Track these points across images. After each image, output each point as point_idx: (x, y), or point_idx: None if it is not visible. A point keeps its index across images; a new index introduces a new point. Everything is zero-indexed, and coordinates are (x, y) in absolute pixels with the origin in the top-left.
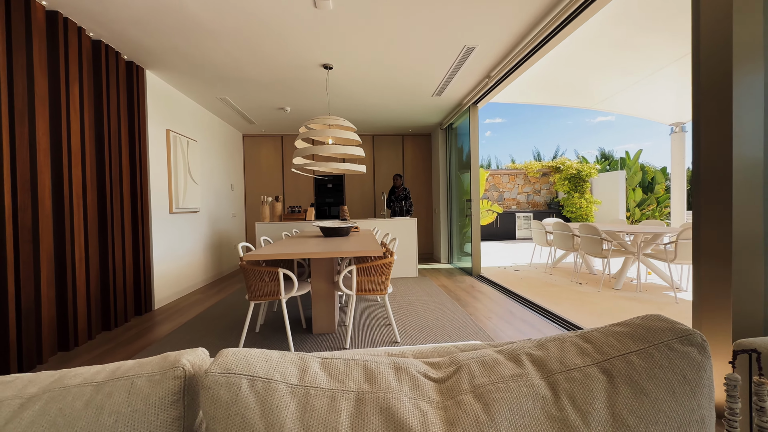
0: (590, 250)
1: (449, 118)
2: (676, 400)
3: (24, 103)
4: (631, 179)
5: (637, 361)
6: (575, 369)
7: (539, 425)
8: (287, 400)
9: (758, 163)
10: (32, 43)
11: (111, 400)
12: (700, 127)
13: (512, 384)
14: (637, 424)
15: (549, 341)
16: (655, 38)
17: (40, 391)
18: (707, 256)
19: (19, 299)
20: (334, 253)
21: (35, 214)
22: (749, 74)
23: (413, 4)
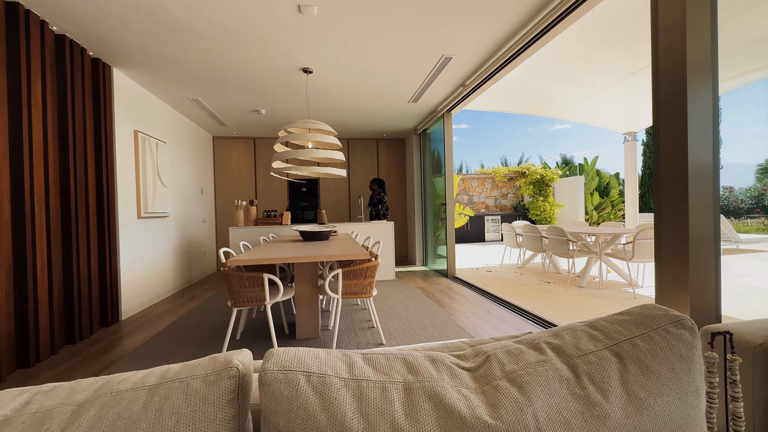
0: (557, 250)
1: (424, 123)
2: (676, 375)
3: None
4: (588, 184)
5: (642, 344)
6: (590, 353)
7: (568, 403)
8: (343, 393)
9: (709, 169)
10: None
11: (169, 402)
12: (659, 137)
13: (539, 368)
14: (647, 397)
15: (562, 331)
16: (610, 54)
17: (90, 398)
18: (668, 255)
19: None
20: (320, 257)
21: None
22: (700, 88)
23: (397, 14)
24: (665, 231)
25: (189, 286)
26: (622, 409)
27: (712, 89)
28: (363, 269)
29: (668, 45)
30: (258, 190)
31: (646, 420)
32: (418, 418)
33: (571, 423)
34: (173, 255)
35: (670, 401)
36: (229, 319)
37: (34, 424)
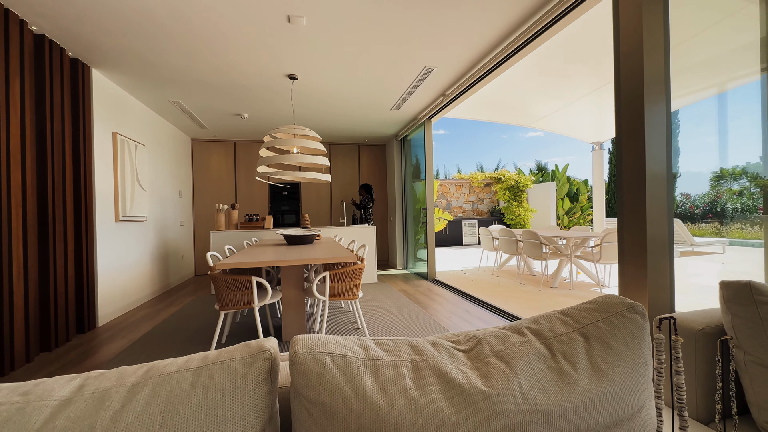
0: (531, 253)
1: (405, 130)
2: (629, 350)
3: None
4: (560, 190)
5: (603, 326)
6: (562, 335)
7: (545, 374)
8: (362, 369)
9: (663, 176)
10: None
11: (214, 381)
12: (621, 147)
13: (522, 348)
14: (607, 368)
15: (539, 318)
16: (578, 70)
17: (141, 380)
18: (629, 256)
19: None
20: (307, 260)
21: None
22: (656, 104)
23: (383, 27)
24: (627, 234)
25: (166, 291)
26: (587, 377)
27: (666, 105)
28: (349, 272)
29: (628, 66)
30: (238, 193)
31: (606, 385)
32: (426, 388)
33: (548, 389)
34: (151, 260)
35: (624, 371)
36: (211, 322)
37: (96, 402)
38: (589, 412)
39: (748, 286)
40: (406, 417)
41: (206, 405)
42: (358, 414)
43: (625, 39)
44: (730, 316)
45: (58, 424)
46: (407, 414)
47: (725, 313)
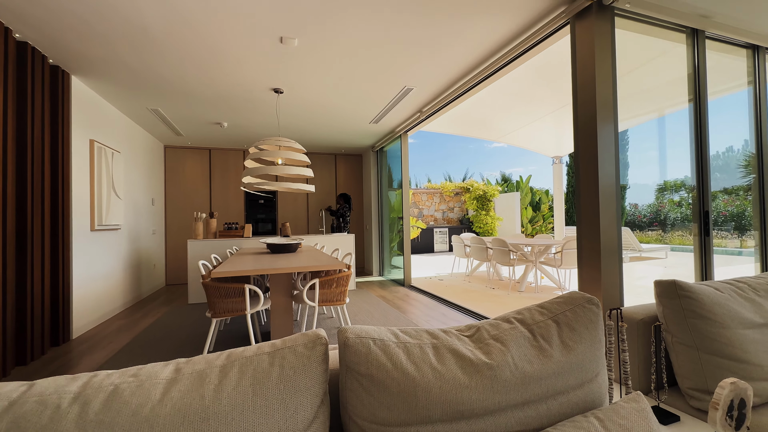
0: (500, 259)
1: (381, 142)
2: (589, 332)
3: None
4: (523, 199)
5: (570, 315)
6: (540, 322)
7: (529, 350)
8: (397, 350)
9: (613, 190)
10: None
11: (286, 361)
12: (578, 162)
13: (512, 332)
14: (573, 344)
15: (523, 310)
16: (542, 92)
17: (228, 362)
18: (586, 261)
19: None
20: (298, 268)
21: None
22: (606, 125)
23: (369, 49)
24: (584, 241)
25: (139, 302)
26: (560, 352)
27: (614, 126)
28: (337, 279)
29: (583, 94)
30: (213, 201)
31: (572, 357)
32: (445, 362)
33: (532, 361)
34: (123, 269)
35: (585, 346)
36: (195, 331)
37: (197, 380)
38: (561, 377)
39: (673, 283)
40: (433, 383)
41: (283, 379)
42: (398, 382)
43: (581, 72)
44: (661, 308)
45: (174, 395)
46: (434, 381)
47: (658, 305)
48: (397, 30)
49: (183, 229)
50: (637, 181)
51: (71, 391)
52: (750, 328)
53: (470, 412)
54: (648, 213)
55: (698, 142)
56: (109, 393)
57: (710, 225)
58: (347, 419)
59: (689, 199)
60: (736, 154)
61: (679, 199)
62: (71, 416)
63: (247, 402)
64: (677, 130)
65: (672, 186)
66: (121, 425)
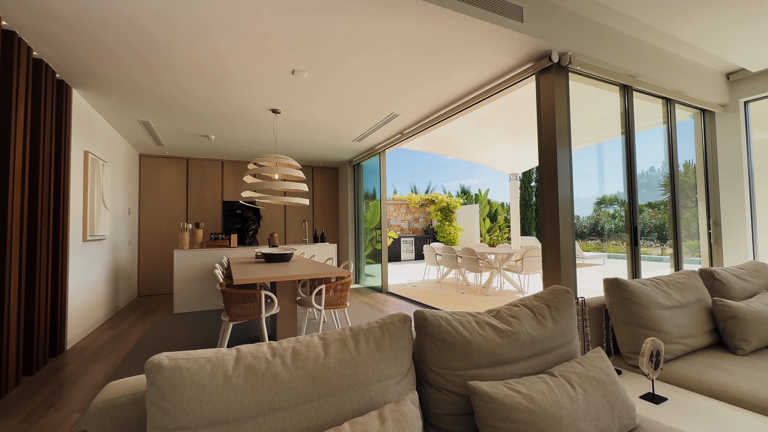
0: (469, 266)
1: (359, 157)
2: (568, 312)
3: None
4: (482, 211)
5: (555, 300)
6: (537, 305)
7: (533, 322)
8: (456, 324)
9: (569, 203)
10: None
11: (391, 331)
12: (543, 181)
13: (520, 311)
14: (559, 319)
15: (524, 299)
16: (502, 120)
17: (354, 333)
18: (548, 267)
19: None
20: (304, 275)
21: None
22: (563, 149)
23: (366, 81)
24: (547, 249)
25: (117, 313)
26: (551, 323)
27: (569, 149)
28: (341, 284)
29: (545, 123)
30: (189, 211)
31: (559, 327)
32: (485, 330)
33: (536, 329)
34: (106, 280)
35: (566, 320)
36: (195, 338)
37: (340, 344)
38: (553, 339)
39: (616, 280)
40: (481, 343)
41: (392, 342)
42: (460, 342)
43: (543, 109)
44: (608, 298)
45: (332, 352)
46: (481, 341)
47: (605, 296)
48: (398, 70)
49: (159, 239)
50: (579, 195)
51: (267, 352)
52: (663, 309)
53: (503, 361)
54: (588, 224)
55: (628, 165)
56: (291, 351)
57: (638, 236)
58: (425, 368)
59: (622, 212)
60: (656, 173)
61: (613, 212)
62: (278, 364)
63: (375, 355)
64: (612, 155)
65: (607, 200)
66: (310, 368)
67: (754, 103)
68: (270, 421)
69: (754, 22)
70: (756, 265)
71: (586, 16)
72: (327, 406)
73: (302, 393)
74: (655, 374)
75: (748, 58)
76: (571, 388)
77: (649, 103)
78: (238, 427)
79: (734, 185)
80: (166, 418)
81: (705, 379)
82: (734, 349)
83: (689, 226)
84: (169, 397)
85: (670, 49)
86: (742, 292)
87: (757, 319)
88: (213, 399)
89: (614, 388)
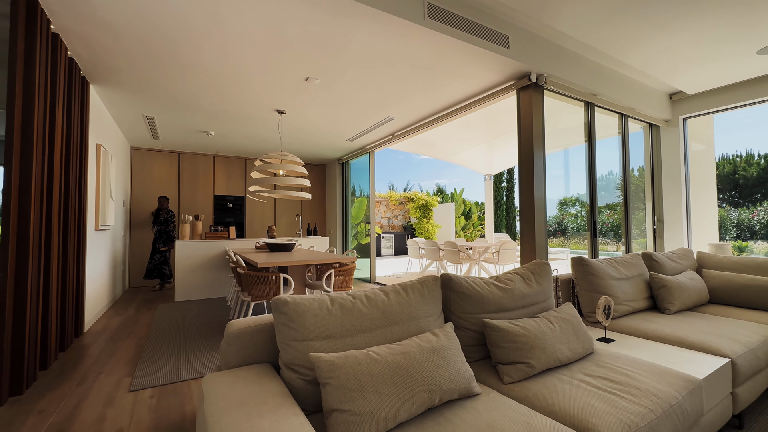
0: (451, 258)
1: (348, 156)
2: (546, 277)
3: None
4: (457, 209)
5: (538, 269)
6: (525, 273)
7: (523, 284)
8: (471, 282)
9: (543, 203)
10: (34, 63)
11: (427, 285)
12: (521, 182)
13: (514, 277)
14: (541, 282)
15: (516, 269)
16: (480, 125)
17: (403, 287)
18: (525, 259)
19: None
20: (314, 260)
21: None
22: (538, 152)
23: (370, 87)
24: (524, 244)
25: (116, 302)
26: (535, 284)
27: (543, 153)
28: (347, 269)
29: (524, 129)
30: (181, 204)
31: (540, 288)
32: (491, 287)
33: (525, 287)
34: (109, 269)
35: (545, 283)
36: (211, 320)
37: (396, 292)
38: (537, 296)
39: (580, 258)
40: (488, 296)
41: (429, 292)
42: (475, 295)
43: (523, 118)
44: (574, 272)
45: (392, 298)
46: (489, 295)
47: (572, 271)
48: (398, 79)
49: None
50: (547, 196)
51: (348, 297)
52: (614, 280)
53: (504, 308)
54: (553, 223)
55: (590, 169)
56: (365, 296)
57: (597, 231)
58: (449, 313)
59: (583, 212)
60: (614, 177)
61: (575, 212)
62: (358, 304)
63: (419, 300)
64: (576, 158)
65: (570, 201)
66: (380, 306)
67: (691, 119)
68: (359, 338)
69: (689, 54)
70: (684, 251)
71: (559, 44)
72: (394, 330)
73: (377, 321)
74: (607, 322)
75: (685, 82)
76: (551, 324)
77: (607, 117)
78: (340, 341)
79: (674, 187)
80: (295, 333)
81: (642, 328)
82: (663, 310)
83: (641, 225)
84: (296, 320)
85: (625, 73)
86: (672, 270)
87: (680, 288)
88: (322, 322)
89: (579, 326)
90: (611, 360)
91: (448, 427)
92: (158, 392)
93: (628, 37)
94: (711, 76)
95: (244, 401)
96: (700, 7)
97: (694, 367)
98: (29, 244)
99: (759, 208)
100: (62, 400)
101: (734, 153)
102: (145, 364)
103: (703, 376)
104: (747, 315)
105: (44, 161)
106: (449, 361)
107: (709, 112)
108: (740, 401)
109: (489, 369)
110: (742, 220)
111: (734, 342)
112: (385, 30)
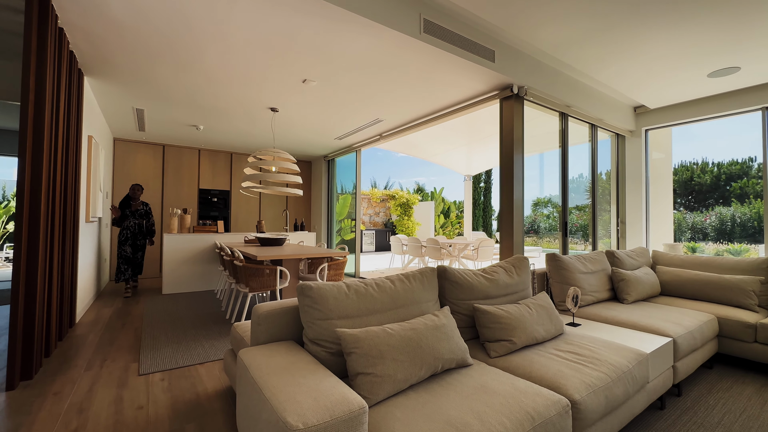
0: (433, 255)
1: (335, 154)
2: (525, 270)
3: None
4: (437, 208)
5: (518, 263)
6: (507, 266)
7: (506, 275)
8: (463, 273)
9: (521, 203)
10: (45, 58)
11: (426, 275)
12: (503, 182)
13: (498, 269)
14: (520, 273)
15: (499, 263)
16: (462, 128)
17: (406, 276)
18: (504, 256)
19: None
20: (307, 254)
21: None
22: (518, 155)
23: (362, 89)
24: (504, 241)
25: (101, 294)
26: (516, 276)
27: (522, 156)
28: (339, 263)
29: (506, 134)
30: (165, 197)
31: (520, 279)
32: (479, 278)
33: (508, 278)
34: (94, 261)
35: (524, 275)
36: (203, 311)
37: (401, 280)
38: (517, 286)
39: (554, 254)
40: (477, 285)
41: (428, 281)
42: (466, 284)
43: (504, 125)
44: (548, 266)
45: (397, 285)
46: (477, 284)
47: (546, 265)
48: (390, 83)
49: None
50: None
51: (360, 284)
52: (581, 274)
53: (490, 296)
54: (527, 223)
55: (563, 173)
56: (375, 284)
57: (568, 230)
58: (444, 300)
59: (555, 213)
60: (584, 179)
61: (548, 213)
62: (370, 289)
63: (420, 287)
64: (549, 162)
65: (542, 202)
66: (388, 292)
67: (652, 131)
68: (372, 318)
69: (650, 75)
70: (641, 250)
71: (539, 60)
72: (400, 312)
73: (386, 304)
74: (575, 309)
75: (648, 98)
76: (529, 309)
77: (579, 126)
78: (357, 320)
79: (636, 192)
80: (319, 314)
81: (603, 314)
82: (622, 300)
83: (606, 226)
84: (319, 302)
85: (596, 87)
86: (631, 266)
87: (637, 281)
88: (342, 305)
89: (552, 311)
90: (578, 339)
91: (450, 387)
92: (168, 375)
93: (598, 56)
94: (670, 93)
95: (284, 367)
96: (656, 36)
97: (643, 344)
98: (39, 235)
99: (711, 212)
100: (74, 384)
101: (691, 160)
102: (148, 351)
103: (650, 351)
104: (690, 305)
105: (51, 154)
106: (449, 336)
107: (669, 125)
108: (679, 373)
109: (478, 346)
110: (696, 223)
111: (677, 326)
112: (385, 41)
